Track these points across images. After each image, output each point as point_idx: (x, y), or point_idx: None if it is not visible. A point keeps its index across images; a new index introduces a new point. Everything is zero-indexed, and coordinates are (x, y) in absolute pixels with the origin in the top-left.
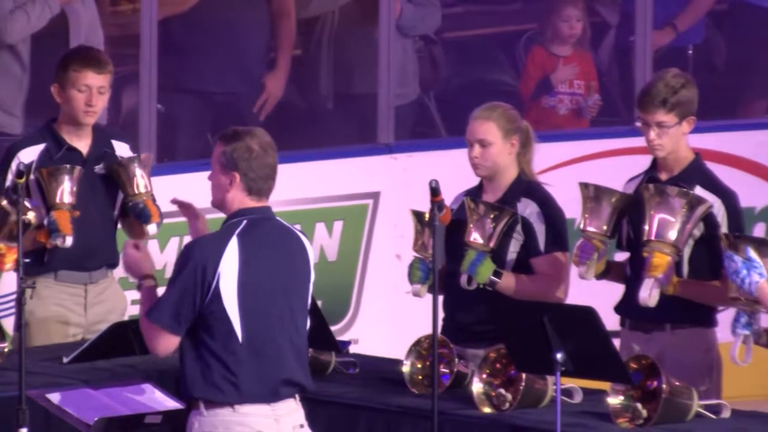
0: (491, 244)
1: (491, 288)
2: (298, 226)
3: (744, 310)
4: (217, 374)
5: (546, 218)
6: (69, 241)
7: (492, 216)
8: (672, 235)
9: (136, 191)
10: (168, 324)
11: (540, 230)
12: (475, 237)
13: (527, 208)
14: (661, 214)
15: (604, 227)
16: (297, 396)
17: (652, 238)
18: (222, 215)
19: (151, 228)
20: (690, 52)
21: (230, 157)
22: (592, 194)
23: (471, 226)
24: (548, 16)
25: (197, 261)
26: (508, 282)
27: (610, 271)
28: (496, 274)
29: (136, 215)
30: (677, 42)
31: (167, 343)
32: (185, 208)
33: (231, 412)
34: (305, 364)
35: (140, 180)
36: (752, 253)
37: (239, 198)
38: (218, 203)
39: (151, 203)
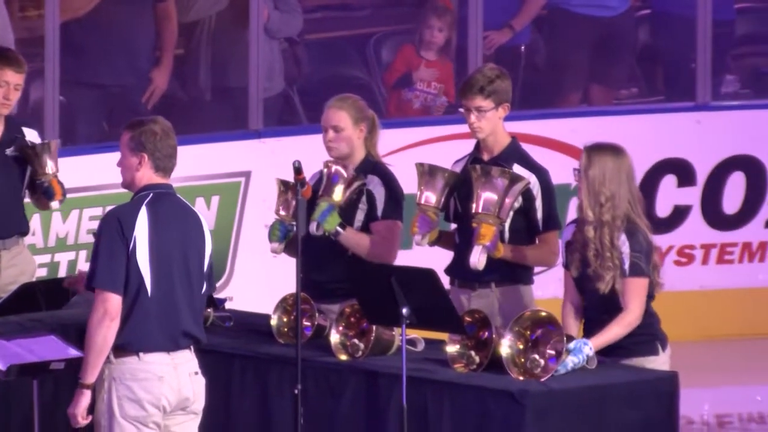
0: (340, 200)
1: (335, 238)
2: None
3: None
4: (128, 325)
5: (386, 190)
6: None
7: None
8: (496, 208)
9: (45, 172)
10: (109, 284)
11: (380, 200)
12: (328, 193)
13: (371, 182)
14: (486, 191)
15: (437, 200)
16: (192, 347)
17: (480, 211)
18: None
19: (54, 204)
20: (523, 49)
21: (138, 141)
22: (427, 171)
23: (323, 187)
24: (421, 22)
25: (117, 226)
26: (350, 234)
27: (440, 239)
28: (342, 226)
29: (43, 192)
30: (511, 42)
31: (112, 304)
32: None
33: (137, 360)
34: (200, 320)
35: (48, 162)
36: (567, 343)
37: (147, 175)
38: (128, 183)
39: (56, 183)
